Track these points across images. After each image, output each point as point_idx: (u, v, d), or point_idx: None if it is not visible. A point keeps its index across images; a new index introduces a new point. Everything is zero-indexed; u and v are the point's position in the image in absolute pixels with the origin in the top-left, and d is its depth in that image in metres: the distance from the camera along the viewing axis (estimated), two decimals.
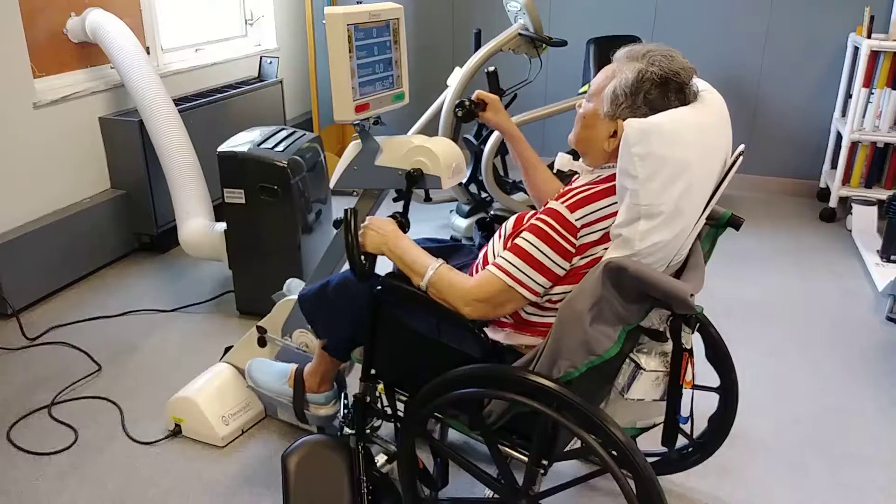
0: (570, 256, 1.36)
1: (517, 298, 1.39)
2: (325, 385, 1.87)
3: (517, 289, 1.38)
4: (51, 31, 3.03)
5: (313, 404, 1.88)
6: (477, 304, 1.40)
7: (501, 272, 1.38)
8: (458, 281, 1.43)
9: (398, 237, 1.53)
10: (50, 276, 2.96)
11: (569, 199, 1.37)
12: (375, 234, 1.54)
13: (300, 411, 1.88)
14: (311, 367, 1.87)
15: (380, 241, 1.53)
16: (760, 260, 3.42)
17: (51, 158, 3.00)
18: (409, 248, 1.51)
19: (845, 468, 2.03)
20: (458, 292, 1.42)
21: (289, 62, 4.63)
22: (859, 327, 2.80)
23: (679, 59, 1.37)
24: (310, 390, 1.87)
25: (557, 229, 1.35)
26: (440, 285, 1.44)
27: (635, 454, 1.25)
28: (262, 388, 1.93)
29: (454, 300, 1.42)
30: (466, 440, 2.10)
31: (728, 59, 4.18)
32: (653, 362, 1.38)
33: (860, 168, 3.91)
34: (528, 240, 1.38)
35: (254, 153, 2.56)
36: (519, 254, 1.38)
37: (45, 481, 1.96)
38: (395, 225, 1.57)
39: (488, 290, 1.39)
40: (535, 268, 1.37)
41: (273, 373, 1.94)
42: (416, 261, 1.49)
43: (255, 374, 1.95)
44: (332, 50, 1.63)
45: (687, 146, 1.28)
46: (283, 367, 1.94)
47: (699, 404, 2.14)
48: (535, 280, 1.37)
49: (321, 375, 1.86)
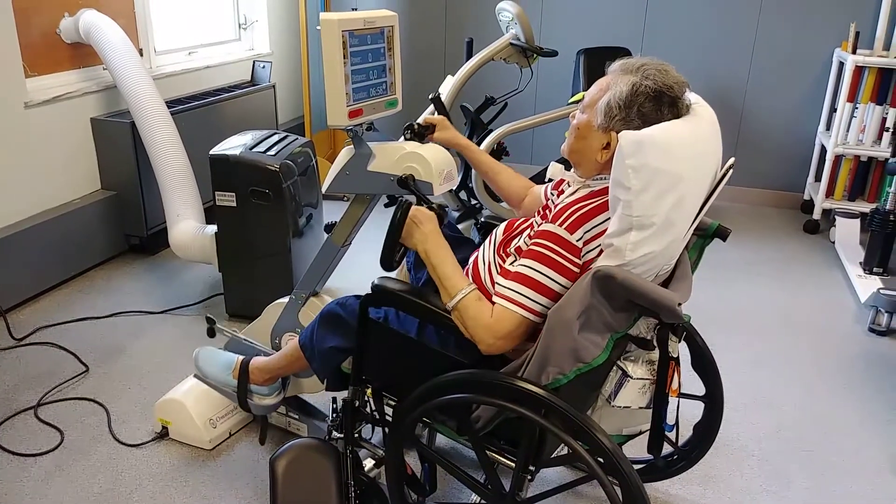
0: (574, 276, 1.37)
1: (529, 325, 1.40)
2: (271, 381, 1.92)
3: (530, 317, 1.38)
4: (44, 30, 3.02)
5: (257, 395, 1.93)
6: (497, 340, 1.39)
7: (516, 305, 1.38)
8: (482, 313, 1.40)
9: (439, 244, 1.50)
10: (38, 276, 2.95)
11: (566, 221, 1.39)
12: (417, 229, 1.51)
13: (244, 401, 1.93)
14: (264, 363, 1.90)
15: (420, 239, 1.51)
16: (745, 271, 3.46)
17: (41, 158, 2.99)
18: (447, 259, 1.49)
19: (828, 477, 2.06)
20: (481, 325, 1.39)
21: (282, 67, 4.64)
22: (842, 338, 2.84)
23: (672, 73, 1.39)
24: (254, 382, 1.91)
25: (560, 252, 1.37)
26: (465, 314, 1.41)
27: (622, 461, 1.27)
28: (208, 377, 1.97)
29: (475, 332, 1.40)
30: (454, 445, 2.11)
31: (715, 72, 4.23)
32: (640, 370, 1.40)
33: (844, 181, 3.97)
34: (534, 268, 1.38)
35: (246, 157, 2.57)
36: (527, 283, 1.38)
37: (30, 483, 1.95)
38: (437, 224, 1.54)
39: (506, 324, 1.38)
40: (543, 293, 1.38)
41: (219, 363, 1.97)
42: (450, 277, 1.46)
43: (201, 363, 1.99)
44: (326, 55, 1.64)
45: (680, 158, 1.30)
46: (229, 358, 1.98)
47: (685, 412, 2.16)
48: (542, 304, 1.38)
49: (273, 374, 1.90)
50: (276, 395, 1.95)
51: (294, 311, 2.06)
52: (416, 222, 1.51)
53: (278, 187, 2.56)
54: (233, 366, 1.95)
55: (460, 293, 1.43)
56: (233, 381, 1.93)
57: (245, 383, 1.91)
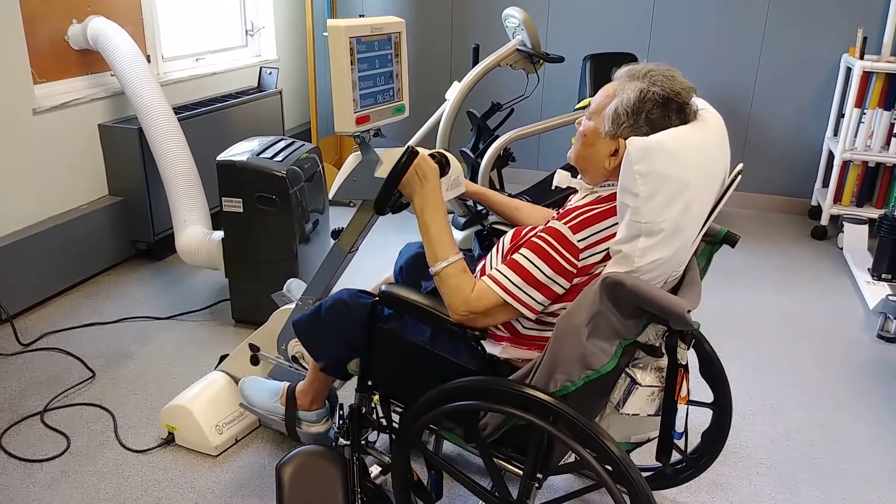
0: (570, 276, 1.37)
1: (511, 311, 1.41)
2: (316, 403, 1.88)
3: (512, 304, 1.39)
4: (52, 37, 3.04)
5: (305, 422, 1.89)
6: (471, 314, 1.42)
7: (498, 286, 1.40)
8: (465, 286, 1.44)
9: (437, 202, 1.51)
10: (45, 281, 2.96)
11: (572, 220, 1.39)
12: (419, 182, 1.51)
13: (292, 429, 1.89)
14: (303, 386, 1.88)
15: (419, 192, 1.51)
16: (753, 277, 3.44)
17: (49, 164, 3.00)
18: (441, 222, 1.49)
19: (836, 485, 2.05)
20: (460, 298, 1.43)
21: (288, 73, 4.65)
22: (850, 344, 2.82)
23: (680, 78, 1.38)
24: (301, 408, 1.88)
25: (559, 249, 1.37)
26: (449, 281, 1.45)
27: (630, 469, 1.26)
28: (255, 406, 1.94)
29: (452, 301, 1.44)
30: (461, 452, 2.10)
31: (722, 77, 4.22)
32: (648, 377, 1.39)
33: (851, 187, 3.95)
34: (527, 257, 1.39)
35: (253, 162, 2.57)
36: (517, 270, 1.39)
37: (37, 488, 1.95)
38: (438, 177, 1.53)
39: (485, 302, 1.41)
40: (532, 285, 1.38)
41: (265, 391, 1.95)
42: (440, 241, 1.48)
43: (247, 392, 1.96)
44: (333, 62, 1.65)
45: (688, 164, 1.30)
46: (275, 386, 1.95)
47: (693, 420, 2.15)
48: (531, 297, 1.39)
49: (314, 394, 1.86)
50: (325, 423, 1.90)
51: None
52: (420, 174, 1.51)
53: (285, 193, 2.56)
54: (279, 393, 1.92)
55: (447, 261, 1.45)
56: (280, 408, 1.89)
57: (293, 410, 1.87)
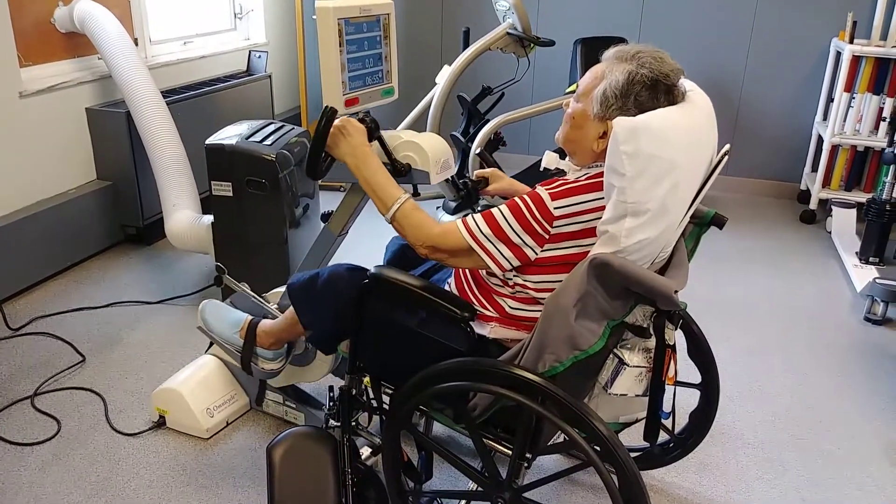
0: (541, 241, 1.38)
1: (476, 259, 1.43)
2: (276, 345, 1.90)
3: (478, 251, 1.41)
4: (38, 20, 3.00)
5: (262, 358, 1.90)
6: (436, 251, 1.46)
7: (468, 233, 1.42)
8: (425, 222, 1.47)
9: (367, 154, 1.53)
10: (34, 266, 2.94)
11: (555, 188, 1.40)
12: (344, 140, 1.53)
13: (247, 363, 1.91)
14: (269, 327, 1.89)
15: (346, 150, 1.53)
16: (741, 260, 3.47)
17: (36, 148, 2.98)
18: (377, 170, 1.52)
19: (822, 464, 2.07)
20: (423, 234, 1.46)
21: (278, 57, 4.62)
22: (838, 327, 2.85)
23: (668, 60, 1.38)
24: (260, 346, 1.89)
25: (532, 211, 1.38)
26: (405, 221, 1.48)
27: (619, 449, 1.27)
28: (214, 332, 1.95)
29: (415, 239, 1.47)
30: (451, 433, 2.12)
31: (712, 61, 4.22)
32: (636, 358, 1.40)
33: (840, 171, 3.98)
34: (501, 212, 1.41)
35: (242, 146, 2.56)
36: (489, 222, 1.41)
37: (27, 472, 1.95)
38: (366, 136, 1.54)
39: (451, 242, 1.44)
40: (501, 240, 1.40)
41: (227, 319, 1.95)
42: (384, 188, 1.50)
43: (208, 316, 1.96)
44: (322, 44, 1.64)
45: (674, 145, 1.30)
46: (237, 316, 1.95)
47: (681, 401, 2.17)
48: (499, 250, 1.40)
49: (276, 338, 1.88)
50: (280, 362, 1.92)
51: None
52: (344, 133, 1.53)
53: (274, 177, 2.55)
54: (240, 325, 1.92)
55: (397, 202, 1.48)
56: (239, 340, 1.90)
57: (251, 345, 1.88)
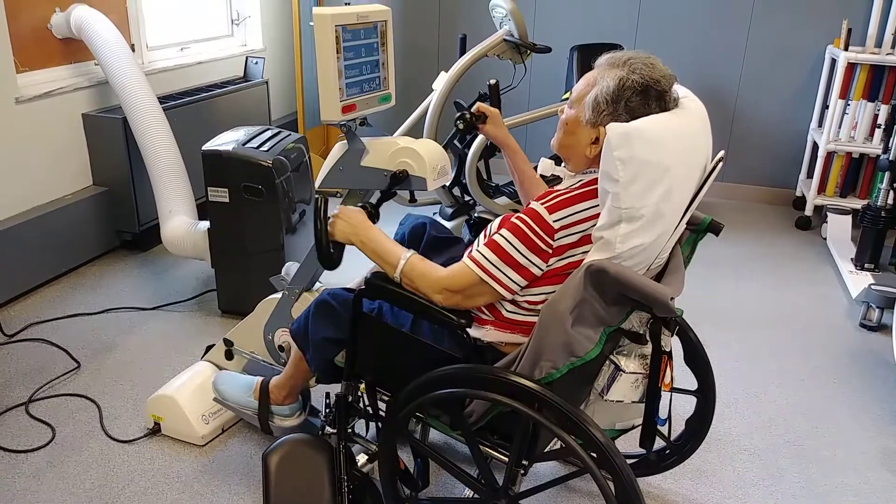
0: (546, 256, 1.38)
1: (490, 292, 1.42)
2: (290, 398, 1.89)
3: (490, 283, 1.40)
4: (35, 25, 3.00)
5: (278, 416, 1.90)
6: (449, 293, 1.44)
7: (476, 266, 1.41)
8: (430, 270, 1.46)
9: (368, 228, 1.55)
10: (30, 272, 2.93)
11: (549, 201, 1.40)
12: (345, 223, 1.55)
13: (265, 423, 1.91)
14: (279, 380, 1.89)
15: (349, 231, 1.55)
16: (737, 266, 3.47)
17: (32, 154, 2.97)
18: (380, 239, 1.53)
19: (819, 470, 2.07)
20: (430, 281, 1.45)
21: (275, 63, 4.62)
22: (833, 333, 2.86)
23: (660, 66, 1.39)
24: (275, 402, 1.89)
25: (534, 229, 1.38)
26: (412, 275, 1.47)
27: (615, 455, 1.27)
28: (228, 400, 1.95)
29: (426, 288, 1.46)
30: (447, 440, 2.11)
31: (708, 68, 4.24)
32: (632, 364, 1.40)
33: (835, 178, 3.99)
34: (505, 237, 1.40)
35: (238, 152, 2.56)
36: (495, 250, 1.40)
37: (22, 479, 1.94)
38: (365, 215, 1.58)
39: (462, 281, 1.43)
40: (509, 265, 1.39)
41: (239, 385, 1.95)
42: (388, 251, 1.51)
43: (220, 387, 1.97)
44: (319, 50, 1.64)
45: (668, 150, 1.30)
46: (248, 380, 1.96)
47: (677, 407, 2.17)
48: (509, 277, 1.40)
49: (289, 389, 1.88)
50: (298, 416, 1.91)
51: (287, 306, 2.05)
52: (344, 218, 1.56)
53: (271, 183, 2.55)
54: (253, 387, 1.92)
55: (402, 259, 1.48)
56: (254, 403, 1.90)
57: (266, 404, 1.89)
